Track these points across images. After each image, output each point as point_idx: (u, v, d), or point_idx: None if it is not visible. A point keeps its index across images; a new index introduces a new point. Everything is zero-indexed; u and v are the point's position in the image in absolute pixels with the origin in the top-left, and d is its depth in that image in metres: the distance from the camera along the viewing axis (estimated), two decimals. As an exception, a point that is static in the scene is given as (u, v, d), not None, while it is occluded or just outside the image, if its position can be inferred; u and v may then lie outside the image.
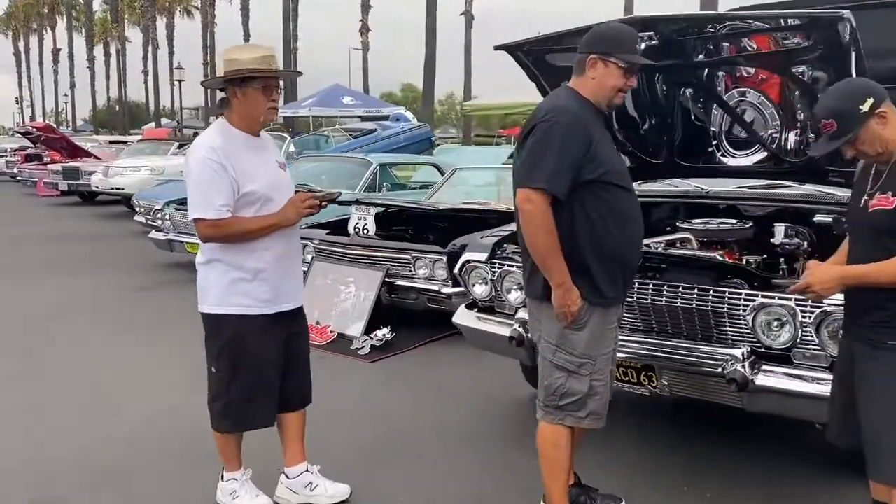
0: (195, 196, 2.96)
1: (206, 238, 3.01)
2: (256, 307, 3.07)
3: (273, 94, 3.07)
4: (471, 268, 3.98)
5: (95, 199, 17.36)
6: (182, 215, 8.65)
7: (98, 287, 7.95)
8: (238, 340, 3.07)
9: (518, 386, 4.56)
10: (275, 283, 3.09)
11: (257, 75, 2.97)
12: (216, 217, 2.92)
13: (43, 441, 3.96)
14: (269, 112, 3.07)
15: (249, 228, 2.99)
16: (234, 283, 3.04)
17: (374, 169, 9.47)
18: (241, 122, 3.06)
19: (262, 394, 3.15)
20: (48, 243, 11.03)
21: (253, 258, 3.04)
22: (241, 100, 3.02)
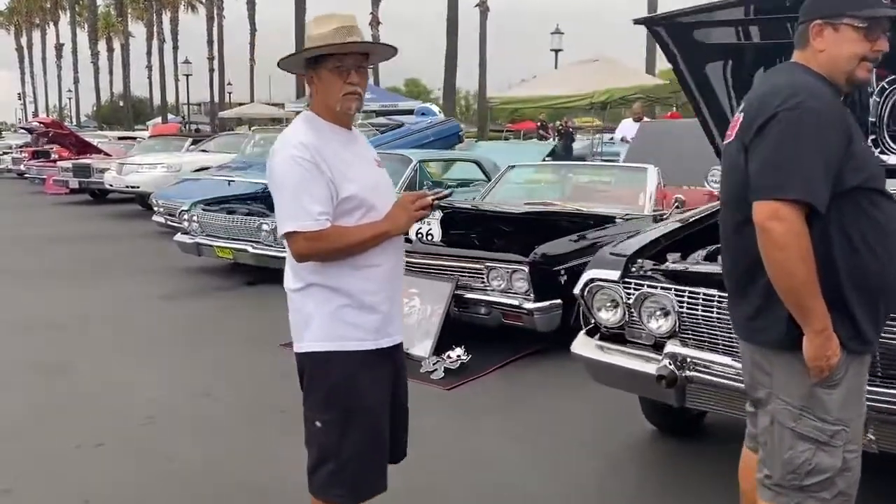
0: (286, 205, 2.34)
1: (303, 256, 2.37)
2: (366, 341, 2.46)
3: (351, 76, 2.40)
4: (596, 288, 3.31)
5: (106, 198, 16.72)
6: (211, 217, 8.00)
7: (121, 295, 7.29)
8: (349, 384, 2.45)
9: (631, 416, 3.91)
10: (383, 309, 2.49)
11: (328, 52, 2.36)
12: (315, 228, 2.30)
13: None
14: (345, 99, 2.40)
15: (356, 240, 2.39)
16: (339, 311, 2.43)
17: (414, 166, 8.81)
18: (325, 111, 2.45)
19: (378, 452, 2.52)
20: (62, 245, 10.37)
21: (359, 279, 2.43)
22: (318, 84, 2.43)
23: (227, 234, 7.89)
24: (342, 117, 2.47)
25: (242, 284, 7.76)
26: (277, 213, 2.39)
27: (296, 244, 2.34)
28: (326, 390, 2.47)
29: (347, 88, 2.39)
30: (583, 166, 7.39)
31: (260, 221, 7.56)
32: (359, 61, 2.42)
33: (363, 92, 2.46)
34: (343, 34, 2.37)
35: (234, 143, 14.83)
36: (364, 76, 2.46)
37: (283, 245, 7.28)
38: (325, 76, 2.39)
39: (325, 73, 2.38)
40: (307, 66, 2.43)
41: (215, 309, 6.79)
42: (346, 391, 2.45)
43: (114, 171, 13.80)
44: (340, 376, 2.44)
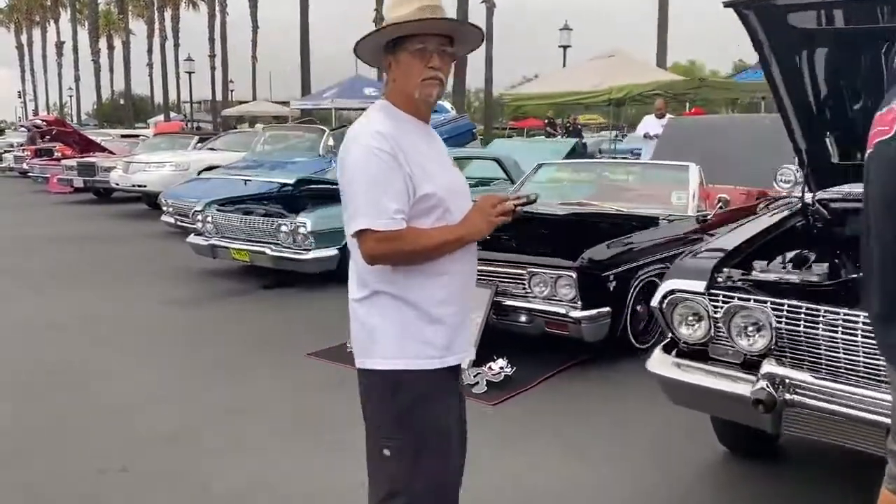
0: (359, 200, 2.09)
1: (374, 258, 2.11)
2: (437, 358, 2.20)
3: (433, 59, 2.13)
4: (677, 300, 2.99)
5: (111, 197, 16.40)
6: (227, 217, 7.68)
7: (134, 300, 6.97)
8: (422, 407, 2.20)
9: (696, 435, 3.61)
10: (454, 323, 2.23)
11: (410, 32, 2.09)
12: (391, 228, 2.05)
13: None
14: (425, 85, 2.14)
15: (433, 243, 2.14)
16: (409, 324, 2.18)
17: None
18: (402, 100, 2.19)
19: (452, 483, 2.31)
20: (70, 246, 10.05)
21: (430, 288, 2.18)
22: (396, 70, 2.17)
23: (244, 235, 7.58)
24: (421, 107, 2.21)
25: (259, 288, 7.45)
26: (348, 209, 2.13)
27: (367, 244, 2.09)
28: (396, 414, 2.20)
29: (428, 73, 2.13)
30: (617, 164, 7.09)
31: (278, 222, 7.25)
32: (443, 44, 2.14)
33: (445, 79, 2.19)
34: (427, 13, 2.10)
35: (242, 141, 14.53)
36: (447, 62, 2.18)
37: (302, 247, 6.94)
38: (404, 60, 2.13)
39: (405, 57, 2.12)
40: (385, 51, 2.16)
41: (234, 315, 6.47)
42: (418, 415, 2.20)
43: (120, 170, 13.48)
44: (412, 398, 2.19)
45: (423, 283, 2.18)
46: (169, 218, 10.90)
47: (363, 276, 2.20)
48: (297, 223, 7.08)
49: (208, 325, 6.10)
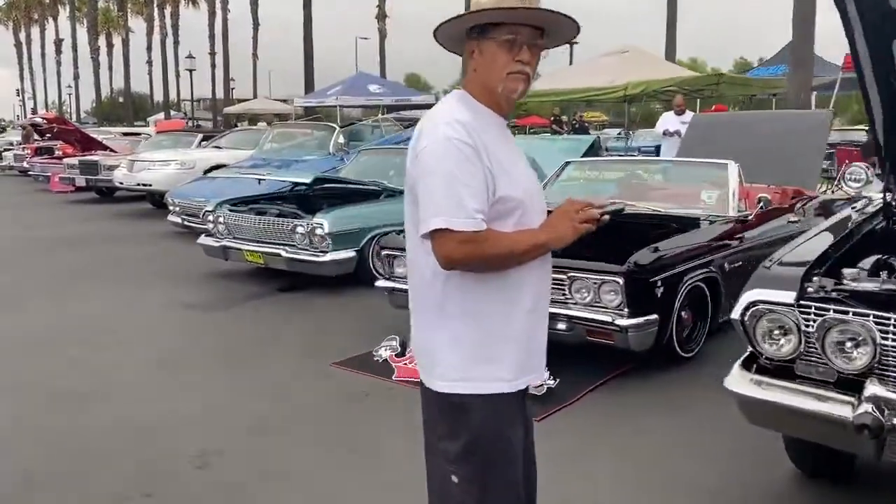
0: (436, 195, 1.83)
1: (451, 261, 1.86)
2: (506, 381, 1.98)
3: (522, 52, 1.90)
4: (761, 312, 2.71)
5: (114, 196, 16.13)
6: (239, 218, 7.40)
7: (146, 305, 6.68)
8: (493, 433, 1.98)
9: (758, 452, 3.35)
10: (527, 340, 2.01)
11: (500, 19, 1.86)
12: (472, 228, 1.81)
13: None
14: (510, 79, 1.91)
15: (518, 249, 1.91)
16: (480, 342, 1.95)
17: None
18: (482, 92, 1.95)
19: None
20: (76, 248, 9.75)
21: (505, 301, 1.95)
22: (479, 59, 1.93)
23: (257, 236, 7.30)
24: (501, 102, 1.98)
25: (274, 291, 7.16)
26: (423, 206, 1.86)
27: (445, 246, 1.83)
28: (466, 440, 1.98)
29: (515, 67, 1.90)
30: (649, 162, 6.80)
31: (294, 223, 6.97)
32: (534, 36, 1.91)
33: (532, 74, 1.95)
34: (520, 1, 1.85)
35: (248, 139, 14.25)
36: (536, 56, 1.94)
37: (319, 249, 6.62)
38: (489, 49, 1.89)
39: (491, 46, 1.89)
40: (469, 37, 1.92)
41: (251, 321, 6.19)
42: (489, 441, 1.99)
43: (124, 169, 13.19)
44: (483, 424, 1.97)
45: (498, 295, 1.95)
46: (176, 217, 10.61)
47: (432, 284, 1.96)
48: (314, 224, 6.81)
49: (227, 333, 5.81)
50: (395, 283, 5.44)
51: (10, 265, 8.65)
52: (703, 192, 5.95)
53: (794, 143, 7.95)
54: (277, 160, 11.24)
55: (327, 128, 11.62)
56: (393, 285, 5.44)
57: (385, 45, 35.65)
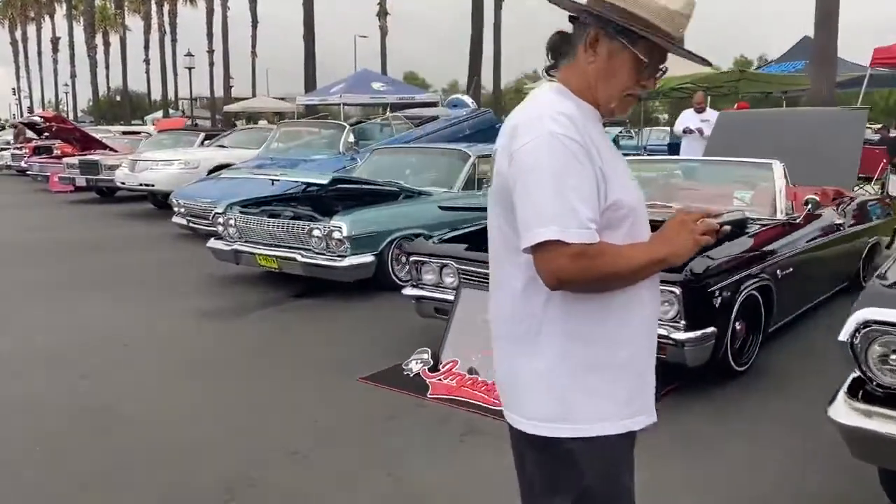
0: (543, 200, 1.54)
1: (564, 280, 1.57)
2: (618, 420, 1.69)
3: (650, 81, 1.70)
4: (876, 334, 2.39)
5: (115, 196, 15.79)
6: (252, 221, 7.07)
7: (158, 313, 6.33)
8: (605, 487, 1.70)
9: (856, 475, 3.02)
10: (639, 372, 1.73)
11: (661, 42, 1.62)
12: (587, 241, 1.53)
13: None
14: (624, 101, 1.68)
15: (635, 265, 1.63)
16: (586, 372, 1.66)
17: (472, 163, 7.88)
18: (586, 93, 1.67)
19: None
20: (79, 251, 9.41)
21: (613, 324, 1.67)
22: (602, 60, 1.64)
23: (271, 239, 6.97)
24: (603, 111, 1.70)
25: (289, 297, 6.83)
26: (525, 213, 1.56)
27: (554, 261, 1.54)
28: (577, 494, 1.68)
29: (635, 90, 1.68)
30: (689, 162, 6.46)
31: (310, 226, 6.64)
32: (664, 58, 1.68)
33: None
34: (685, 23, 1.64)
35: (253, 138, 13.92)
36: (657, 78, 1.75)
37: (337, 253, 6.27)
38: (621, 58, 1.63)
39: (626, 58, 1.63)
40: (603, 28, 1.63)
41: (271, 330, 5.86)
42: (602, 492, 1.69)
43: (126, 169, 12.84)
44: (593, 472, 1.68)
45: (605, 318, 1.65)
46: (180, 219, 10.29)
47: (522, 303, 1.67)
48: (332, 227, 6.48)
49: (246, 345, 5.47)
50: (423, 290, 5.11)
51: (12, 270, 8.30)
52: (745, 193, 5.65)
53: (829, 141, 7.65)
54: (285, 160, 10.91)
55: (336, 126, 11.28)
56: (421, 293, 5.12)
57: (386, 42, 35.30)
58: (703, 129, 10.52)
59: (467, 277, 4.80)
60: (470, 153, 7.95)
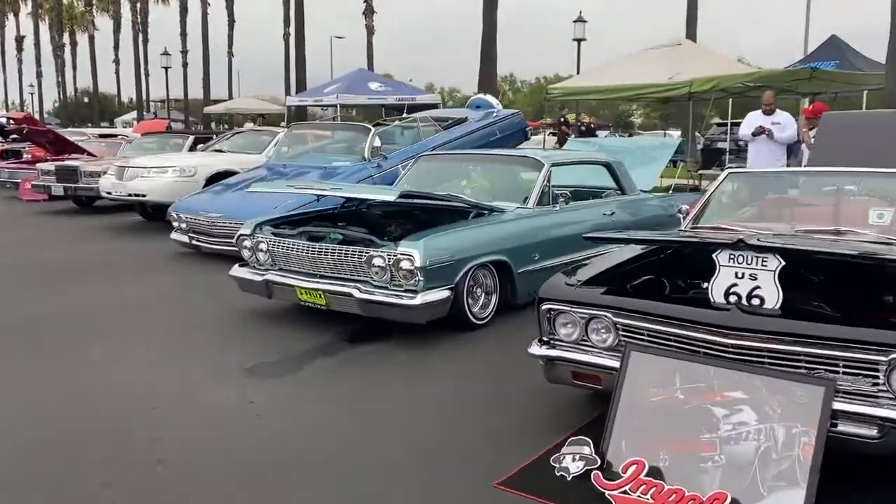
0: None
1: None
2: None
3: None
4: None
5: (94, 206, 14.26)
6: (289, 245, 5.73)
7: (186, 373, 4.93)
8: None
9: None
10: None
11: None
12: None
13: None
14: None
15: None
16: None
17: (546, 173, 6.59)
18: None
19: None
20: (67, 280, 7.89)
21: None
22: None
23: (316, 269, 5.61)
24: None
25: (341, 341, 5.48)
26: None
27: None
28: None
29: None
30: (844, 174, 5.24)
31: (371, 253, 5.29)
32: None
33: None
34: None
35: (254, 142, 12.55)
36: None
37: (407, 287, 4.73)
38: None
39: None
40: None
41: (334, 396, 4.48)
42: None
43: (112, 176, 11.32)
44: None
45: None
46: (181, 236, 8.87)
47: None
48: (401, 255, 5.14)
49: (314, 423, 4.06)
50: (558, 350, 3.80)
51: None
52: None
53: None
54: (301, 167, 9.53)
55: (360, 129, 9.90)
56: (555, 354, 3.80)
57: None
58: (775, 132, 9.35)
59: (634, 335, 3.50)
60: (543, 161, 6.64)
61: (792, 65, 17.26)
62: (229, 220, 8.29)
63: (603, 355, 3.64)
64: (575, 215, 6.65)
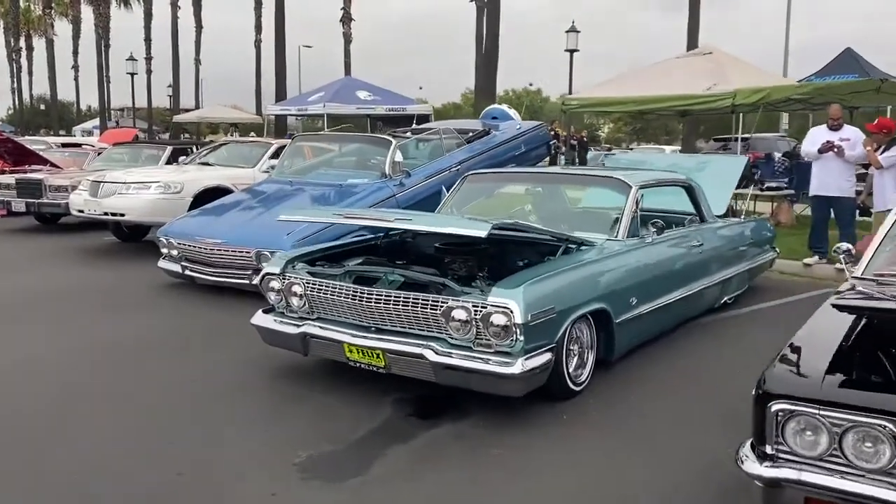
0: None
1: None
2: None
3: None
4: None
5: (58, 223, 12.79)
6: (333, 288, 4.49)
7: (226, 478, 3.67)
8: None
9: None
10: None
11: None
12: None
13: None
14: None
15: None
16: None
17: (635, 198, 5.44)
18: None
19: None
20: (29, 317, 6.55)
21: None
22: None
23: (371, 320, 4.36)
24: None
25: (406, 417, 4.24)
26: None
27: None
28: None
29: None
30: None
31: (449, 303, 4.06)
32: None
33: None
34: None
35: (245, 154, 11.22)
36: None
37: (501, 349, 3.53)
38: None
39: None
40: None
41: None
42: None
43: (85, 192, 9.90)
44: None
45: None
46: (171, 264, 7.56)
47: None
48: (494, 306, 3.92)
49: None
50: (788, 468, 2.61)
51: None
52: None
53: None
54: (308, 184, 8.26)
55: (379, 141, 8.63)
56: (786, 474, 2.61)
57: (350, 49, 32.59)
58: (845, 148, 8.35)
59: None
60: (630, 183, 5.49)
61: (806, 78, 16.48)
62: (232, 248, 7.02)
63: (870, 480, 2.48)
64: (665, 248, 5.52)
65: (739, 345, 5.72)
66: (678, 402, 4.51)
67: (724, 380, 4.83)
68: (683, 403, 4.47)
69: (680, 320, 5.87)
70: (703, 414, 4.28)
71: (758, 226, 7.53)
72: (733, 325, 6.36)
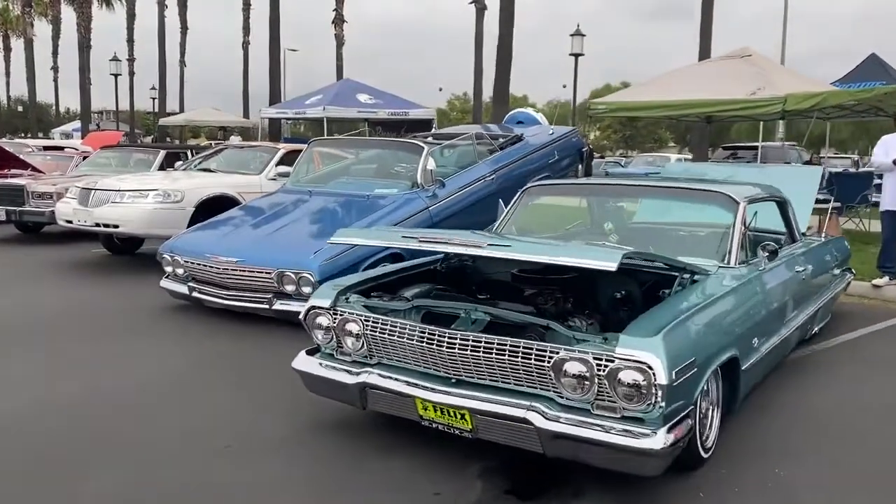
0: None
1: None
2: None
3: None
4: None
5: (40, 232, 11.80)
6: (400, 329, 3.57)
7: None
8: None
9: None
10: None
11: None
12: None
13: None
14: None
15: None
16: None
17: (742, 215, 4.58)
18: None
19: None
20: (14, 346, 5.58)
21: None
22: None
23: (451, 370, 3.46)
24: None
25: (503, 495, 3.34)
26: None
27: None
28: None
29: None
30: None
31: (559, 352, 3.15)
32: None
33: None
34: None
35: (249, 159, 10.29)
36: None
37: (636, 415, 2.46)
38: None
39: None
40: None
41: None
42: None
43: (73, 200, 8.91)
44: None
45: None
46: (176, 285, 6.63)
47: None
48: (627, 359, 3.03)
49: None
50: None
51: None
52: None
53: None
54: (330, 194, 7.35)
55: (409, 147, 7.72)
56: None
57: (342, 52, 31.67)
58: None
59: None
60: (737, 198, 4.62)
61: (832, 84, 15.78)
62: (250, 268, 6.09)
63: None
64: (778, 275, 4.67)
65: (853, 384, 4.92)
66: (821, 460, 3.68)
67: (865, 430, 4.02)
68: (830, 459, 3.64)
69: (782, 358, 5.03)
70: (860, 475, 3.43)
71: (838, 245, 6.71)
72: (835, 361, 5.53)
